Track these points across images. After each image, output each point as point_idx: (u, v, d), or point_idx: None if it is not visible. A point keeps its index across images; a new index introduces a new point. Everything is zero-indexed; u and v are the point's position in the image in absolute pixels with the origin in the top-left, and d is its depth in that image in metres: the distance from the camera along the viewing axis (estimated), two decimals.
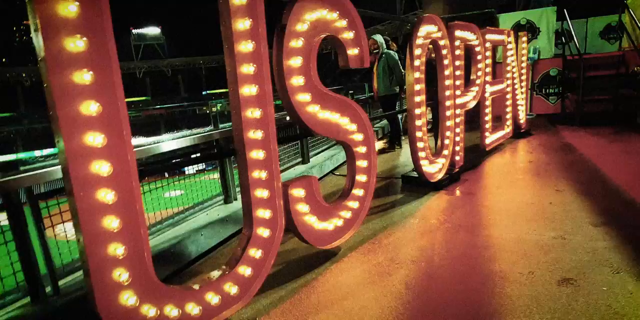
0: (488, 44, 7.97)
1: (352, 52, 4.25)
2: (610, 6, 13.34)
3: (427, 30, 5.92)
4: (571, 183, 6.17)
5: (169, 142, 4.54)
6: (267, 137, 3.37)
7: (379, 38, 9.37)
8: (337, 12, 4.03)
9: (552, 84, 12.75)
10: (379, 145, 10.24)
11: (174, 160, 4.30)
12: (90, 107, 2.23)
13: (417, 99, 5.76)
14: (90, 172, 2.26)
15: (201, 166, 10.75)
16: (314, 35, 3.85)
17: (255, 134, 3.30)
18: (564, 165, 7.25)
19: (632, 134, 9.42)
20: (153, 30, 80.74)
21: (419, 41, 5.74)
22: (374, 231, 4.85)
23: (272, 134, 3.41)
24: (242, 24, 3.20)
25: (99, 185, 2.29)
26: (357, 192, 4.43)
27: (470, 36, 7.25)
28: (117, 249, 2.39)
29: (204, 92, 78.90)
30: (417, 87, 5.75)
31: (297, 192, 3.74)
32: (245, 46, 3.22)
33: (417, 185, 6.46)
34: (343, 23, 4.12)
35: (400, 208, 5.60)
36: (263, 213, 3.41)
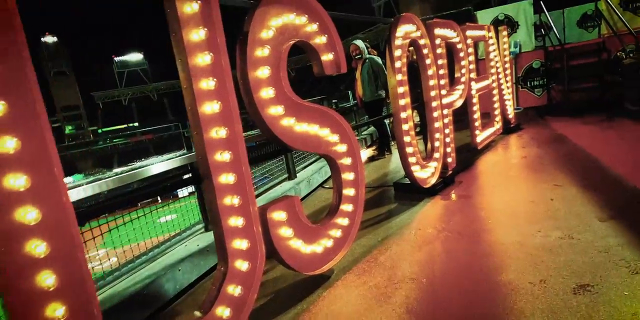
0: (469, 41, 7.57)
1: (327, 57, 3.82)
2: None
3: (406, 30, 5.49)
4: (570, 176, 5.73)
5: (127, 175, 4.04)
6: (236, 158, 2.92)
7: (360, 43, 8.92)
8: (306, 16, 3.60)
9: (536, 76, 12.35)
10: (368, 152, 9.79)
11: (138, 193, 3.80)
12: (7, 144, 1.78)
13: (402, 102, 5.31)
14: (14, 220, 1.80)
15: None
16: (281, 42, 3.41)
17: (223, 156, 2.85)
18: (560, 157, 6.79)
19: (623, 120, 9.01)
20: (135, 57, 79.57)
21: (397, 42, 5.31)
22: (368, 247, 4.37)
23: (242, 154, 2.95)
24: (196, 35, 2.76)
25: (27, 235, 1.83)
26: (346, 207, 3.98)
27: (450, 34, 6.84)
28: (56, 311, 1.92)
29: None
30: (401, 89, 5.31)
31: (278, 215, 3.27)
32: (202, 59, 2.78)
33: (411, 192, 5.98)
34: (313, 27, 3.69)
35: (395, 219, 5.13)
36: (239, 243, 2.93)
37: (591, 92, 11.24)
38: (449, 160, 6.37)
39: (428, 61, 6.00)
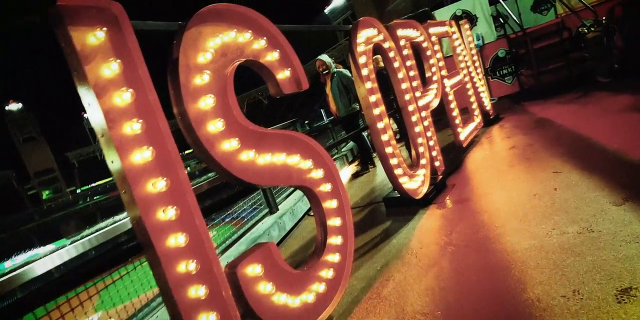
0: (434, 38, 6.95)
1: (283, 75, 3.17)
2: None
3: (367, 35, 4.84)
4: (566, 160, 5.09)
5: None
6: (185, 212, 2.21)
7: (325, 58, 8.26)
8: (250, 31, 2.95)
9: (504, 64, 11.85)
10: (351, 169, 9.10)
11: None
12: None
13: (376, 111, 4.63)
14: None
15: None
16: (224, 64, 2.74)
17: (166, 214, 2.14)
18: (549, 142, 6.13)
19: (599, 93, 8.42)
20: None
21: (360, 48, 4.64)
22: (368, 280, 3.65)
23: (192, 207, 2.25)
24: (108, 69, 2.07)
25: None
26: (334, 240, 3.27)
27: (414, 33, 6.21)
28: None
29: None
30: (373, 98, 4.64)
31: (252, 270, 2.55)
32: (120, 98, 2.09)
33: (403, 205, 5.26)
34: (261, 43, 3.04)
35: (391, 239, 4.41)
36: (206, 319, 2.22)
37: (560, 72, 10.79)
38: (437, 164, 5.69)
39: (396, 64, 5.35)
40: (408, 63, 5.69)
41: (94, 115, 2.04)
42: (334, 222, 3.31)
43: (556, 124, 7.07)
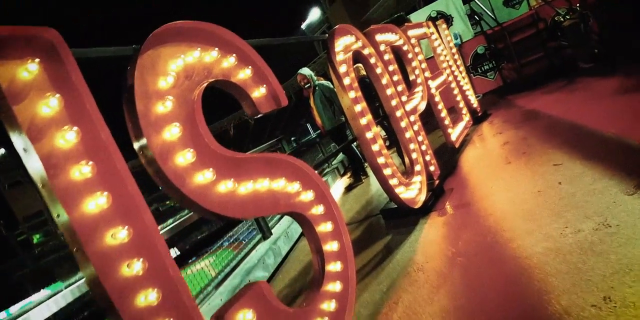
0: (413, 40, 6.64)
1: (258, 92, 2.82)
2: None
3: (345, 43, 4.50)
4: (565, 150, 4.71)
5: None
6: (156, 263, 1.84)
7: (306, 71, 7.87)
8: (216, 49, 2.61)
9: (484, 60, 11.62)
10: (344, 181, 8.71)
11: None
12: None
13: (363, 120, 4.27)
14: None
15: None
16: (190, 88, 2.39)
17: (132, 269, 1.76)
18: (543, 133, 5.75)
19: (584, 79, 8.05)
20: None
21: (339, 57, 4.30)
22: (375, 305, 3.25)
23: (164, 256, 1.87)
24: (46, 107, 1.71)
25: None
26: (333, 267, 2.90)
27: (393, 37, 5.87)
28: None
29: None
30: (358, 107, 4.28)
31: (243, 316, 2.17)
32: (63, 138, 1.72)
33: (402, 216, 4.85)
34: (231, 60, 2.69)
35: (395, 255, 4.02)
36: None
37: (541, 63, 10.56)
38: (432, 168, 5.32)
39: (378, 70, 5.01)
40: (390, 68, 5.36)
41: (31, 163, 1.66)
42: (331, 246, 2.93)
43: (547, 115, 6.72)
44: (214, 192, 2.27)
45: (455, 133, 6.72)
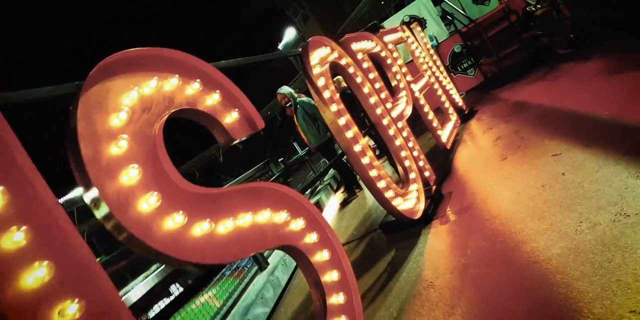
0: (391, 46, 6.34)
1: (230, 118, 2.49)
2: None
3: (320, 55, 4.19)
4: (561, 139, 4.37)
5: None
6: None
7: (285, 89, 7.51)
8: (177, 75, 2.27)
9: (463, 58, 11.35)
10: (338, 197, 8.33)
11: None
12: None
13: (349, 133, 3.93)
14: None
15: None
16: (149, 122, 2.06)
17: None
18: (534, 124, 5.38)
19: (564, 65, 7.68)
20: (80, 190, 77.53)
21: (316, 70, 3.98)
22: None
23: None
24: None
25: None
26: (336, 299, 2.54)
27: (369, 44, 5.57)
28: None
29: None
30: (342, 120, 3.94)
31: None
32: None
33: (402, 228, 4.46)
34: (195, 86, 2.39)
35: (401, 272, 3.65)
36: None
37: (519, 54, 10.20)
38: (427, 174, 4.97)
39: (359, 79, 4.69)
40: (371, 75, 5.05)
41: None
42: (330, 276, 2.59)
43: (534, 105, 6.38)
44: (188, 238, 1.92)
45: (445, 134, 6.37)
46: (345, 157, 7.33)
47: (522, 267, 2.75)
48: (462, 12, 10.81)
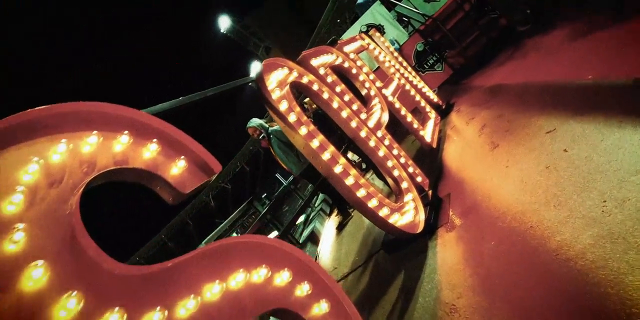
0: (352, 55, 5.87)
1: (176, 168, 2.06)
2: None
3: (278, 78, 3.71)
4: (551, 114, 3.84)
5: None
6: None
7: (254, 122, 6.99)
8: (96, 131, 1.79)
9: (427, 55, 10.83)
10: (334, 221, 7.76)
11: None
12: None
13: (326, 155, 3.42)
14: None
15: None
16: (61, 197, 1.62)
17: None
18: (518, 104, 4.86)
19: (529, 40, 7.17)
20: None
21: (275, 94, 3.49)
22: None
23: None
24: None
25: None
26: None
27: (329, 58, 5.10)
28: None
29: None
30: (315, 142, 3.44)
31: None
32: None
33: (406, 244, 3.85)
34: (123, 140, 1.95)
35: (416, 298, 3.09)
36: None
37: (481, 40, 9.78)
38: (419, 179, 4.44)
39: (325, 95, 4.21)
40: (338, 89, 4.57)
41: None
42: None
43: (510, 85, 5.87)
44: None
45: (428, 133, 5.83)
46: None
47: (554, 268, 2.23)
48: (416, 10, 10.45)
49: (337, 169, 3.37)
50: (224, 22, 34.67)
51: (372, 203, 3.38)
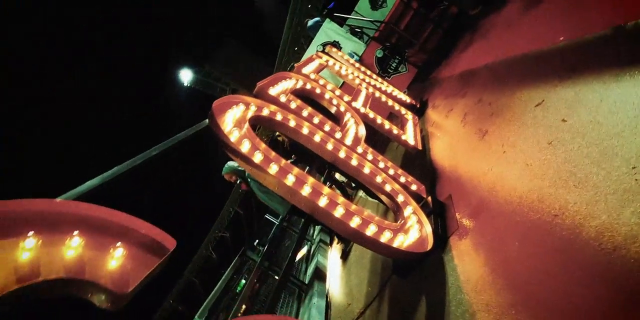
0: (313, 75, 5.44)
1: (113, 261, 1.56)
2: None
3: (234, 117, 3.29)
4: (533, 85, 3.36)
5: None
6: None
7: (228, 167, 6.54)
8: None
9: (388, 60, 10.44)
10: (337, 249, 7.23)
11: None
12: None
13: (306, 190, 2.92)
14: None
15: None
16: None
17: None
18: (493, 85, 4.39)
19: (484, 20, 6.75)
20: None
21: (234, 136, 3.05)
22: None
23: None
24: None
25: None
26: None
27: (288, 84, 4.71)
28: None
29: None
30: (290, 178, 2.97)
31: None
32: None
33: (418, 263, 3.25)
34: (28, 244, 1.45)
35: (445, 311, 2.59)
36: None
37: (436, 33, 9.53)
38: (414, 187, 3.93)
39: (292, 123, 3.78)
40: (305, 113, 4.14)
41: None
42: None
43: (479, 68, 5.39)
44: None
45: (410, 136, 5.32)
46: None
47: (604, 262, 1.75)
48: (367, 19, 10.33)
49: (322, 202, 2.87)
50: (186, 76, 34.03)
51: (371, 229, 2.85)
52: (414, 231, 3.07)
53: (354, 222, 2.82)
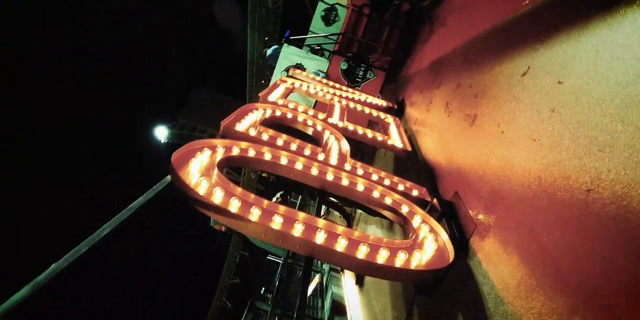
0: (281, 101, 5.02)
1: None
2: None
3: (200, 166, 2.89)
4: (512, 55, 2.99)
5: None
6: None
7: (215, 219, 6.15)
8: None
9: (354, 69, 10.14)
10: (351, 276, 6.74)
11: None
12: None
13: (298, 229, 2.44)
14: None
15: None
16: None
17: None
18: (470, 67, 4.00)
19: (438, 8, 6.50)
20: None
21: (201, 188, 2.62)
22: None
23: None
24: None
25: None
26: None
27: (256, 115, 4.31)
28: None
29: None
30: (278, 220, 2.50)
31: None
32: None
33: (439, 277, 2.77)
34: None
35: None
36: None
37: (394, 33, 9.28)
38: (416, 193, 3.48)
39: (267, 156, 3.39)
40: (280, 142, 3.74)
41: None
42: None
43: (448, 54, 5.03)
44: None
45: (396, 140, 4.87)
46: None
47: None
48: (324, 34, 10.16)
49: (320, 239, 2.41)
50: (161, 132, 33.40)
51: (382, 255, 2.37)
52: (429, 243, 2.61)
53: (361, 252, 2.36)
